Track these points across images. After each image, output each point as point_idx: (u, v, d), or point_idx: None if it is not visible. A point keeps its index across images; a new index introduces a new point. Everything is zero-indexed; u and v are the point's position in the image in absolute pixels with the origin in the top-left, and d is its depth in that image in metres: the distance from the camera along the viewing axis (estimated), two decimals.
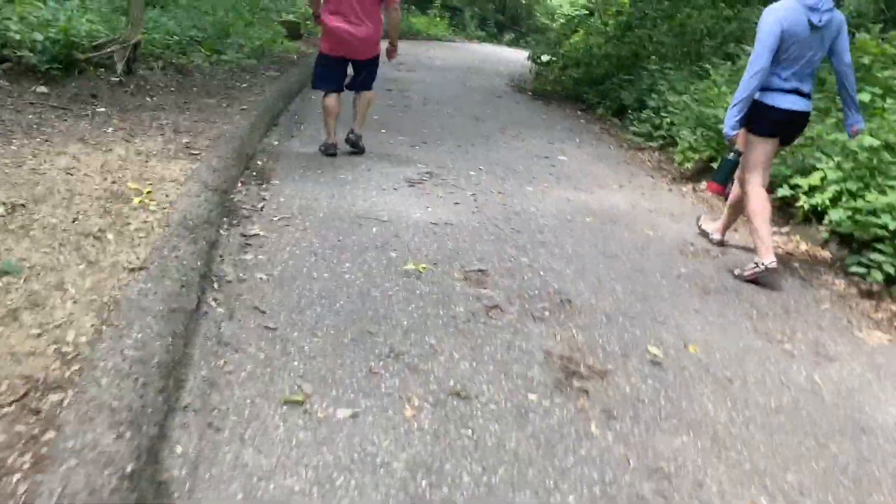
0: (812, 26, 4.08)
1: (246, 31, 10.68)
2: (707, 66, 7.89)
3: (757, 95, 4.27)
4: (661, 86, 8.36)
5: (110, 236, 3.34)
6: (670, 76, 8.41)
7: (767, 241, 4.28)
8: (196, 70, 7.71)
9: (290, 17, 14.77)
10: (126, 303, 2.74)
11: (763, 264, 4.22)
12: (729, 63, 7.71)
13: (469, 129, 7.87)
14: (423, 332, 3.15)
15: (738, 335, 3.59)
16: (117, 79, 6.18)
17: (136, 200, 3.81)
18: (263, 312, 3.14)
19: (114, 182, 4.04)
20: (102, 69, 6.19)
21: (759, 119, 4.34)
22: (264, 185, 4.91)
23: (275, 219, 4.30)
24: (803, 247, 5.13)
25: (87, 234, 3.30)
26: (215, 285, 3.34)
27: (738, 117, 4.29)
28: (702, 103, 7.06)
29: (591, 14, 18.02)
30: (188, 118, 5.81)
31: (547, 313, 3.51)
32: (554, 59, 11.20)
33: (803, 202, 5.27)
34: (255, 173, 5.16)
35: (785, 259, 4.83)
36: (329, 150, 5.82)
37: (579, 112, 10.23)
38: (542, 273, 4.02)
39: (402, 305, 3.38)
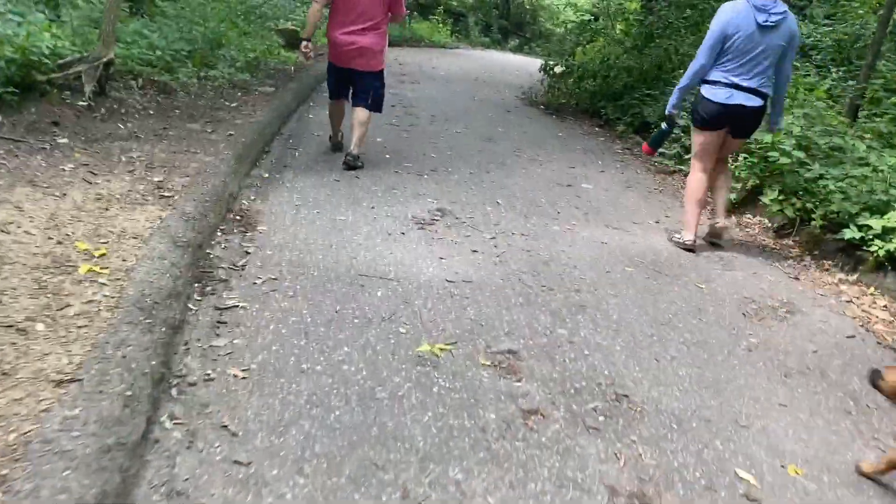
0: (759, 25, 4.34)
1: (240, 42, 9.93)
2: None
3: (700, 87, 4.69)
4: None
5: (39, 328, 2.56)
6: None
7: (692, 221, 4.83)
8: (181, 88, 6.94)
9: (289, 26, 14.00)
10: (39, 446, 1.97)
11: (683, 241, 4.84)
12: None
13: (482, 153, 7.10)
14: (446, 461, 2.37)
15: (842, 442, 2.81)
16: (85, 102, 5.40)
17: (83, 268, 3.03)
18: (234, 435, 2.36)
19: (60, 242, 3.27)
20: (69, 92, 5.41)
21: (697, 108, 4.77)
22: (249, 234, 4.13)
23: (258, 281, 3.52)
24: (881, 301, 4.35)
25: (7, 326, 2.52)
26: (174, 391, 2.56)
27: (674, 101, 4.95)
28: None
29: (597, 19, 17.29)
30: (165, 149, 5.03)
31: (601, 418, 2.73)
32: (567, 69, 10.39)
33: (877, 248, 4.50)
34: (238, 218, 4.38)
35: (865, 319, 4.05)
36: (335, 146, 6.24)
37: (597, 128, 9.46)
38: (585, 352, 3.24)
39: (416, 414, 2.60)
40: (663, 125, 5.12)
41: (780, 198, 5.44)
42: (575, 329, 3.45)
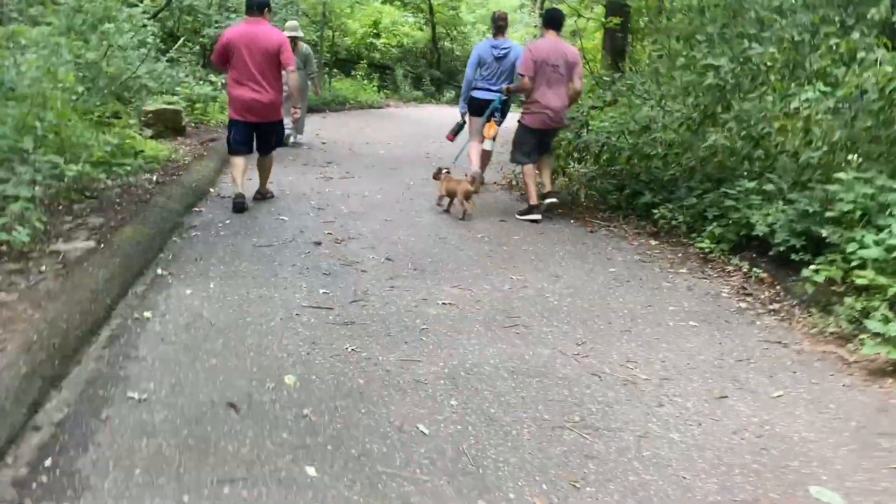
0: (494, 56, 6.59)
1: (67, 139, 5.89)
2: None
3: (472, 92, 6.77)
4: (848, 201, 4.01)
5: None
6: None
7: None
8: None
9: (165, 106, 10.01)
10: None
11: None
12: None
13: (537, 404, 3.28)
14: None
15: None
16: None
17: None
18: None
19: None
20: None
21: (470, 105, 6.84)
22: None
23: None
24: None
25: None
26: None
27: (461, 107, 7.04)
28: None
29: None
30: None
31: None
32: (581, 144, 6.72)
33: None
34: None
35: None
36: (238, 202, 5.83)
37: (653, 243, 5.78)
38: None
39: None
40: (459, 121, 7.14)
41: None
42: None
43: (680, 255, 5.37)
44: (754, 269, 4.81)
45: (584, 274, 4.81)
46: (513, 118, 6.78)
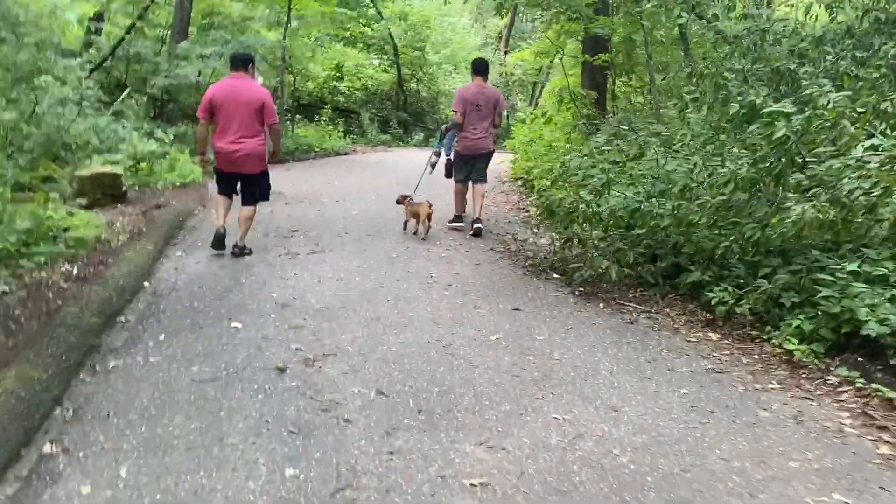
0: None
1: None
2: None
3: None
4: None
5: None
6: None
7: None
8: None
9: (102, 170, 8.56)
10: None
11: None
12: None
13: None
14: None
15: None
16: None
17: None
18: None
19: None
20: None
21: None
22: None
23: None
24: None
25: None
26: None
27: (449, 147, 7.87)
28: None
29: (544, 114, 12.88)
30: None
31: None
32: (590, 209, 5.39)
33: None
34: None
35: None
36: (217, 237, 5.94)
37: (714, 337, 4.49)
38: None
39: None
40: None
41: None
42: None
43: (756, 356, 4.07)
44: (872, 384, 3.52)
45: (649, 401, 3.47)
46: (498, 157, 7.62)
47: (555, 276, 5.73)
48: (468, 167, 7.23)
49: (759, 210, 4.37)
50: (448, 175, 7.76)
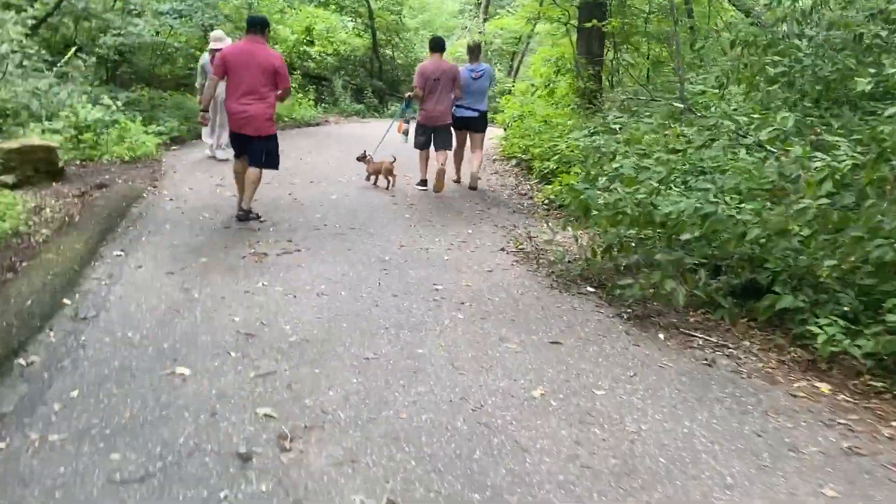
0: (472, 78, 7.51)
1: None
2: None
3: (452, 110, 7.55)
4: None
5: None
6: None
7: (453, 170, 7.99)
8: None
9: (34, 142, 7.12)
10: None
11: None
12: None
13: None
14: None
15: None
16: None
17: None
18: None
19: None
20: None
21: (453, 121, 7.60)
22: None
23: None
24: None
25: None
26: None
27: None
28: None
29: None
30: None
31: None
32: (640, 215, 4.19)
33: None
34: None
35: None
36: (241, 215, 5.93)
37: (824, 389, 3.38)
38: None
39: None
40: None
41: None
42: None
43: None
44: None
45: None
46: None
47: (588, 288, 4.56)
48: (427, 135, 7.59)
49: (891, 218, 3.22)
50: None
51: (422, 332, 3.73)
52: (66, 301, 3.87)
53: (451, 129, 7.62)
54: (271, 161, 5.99)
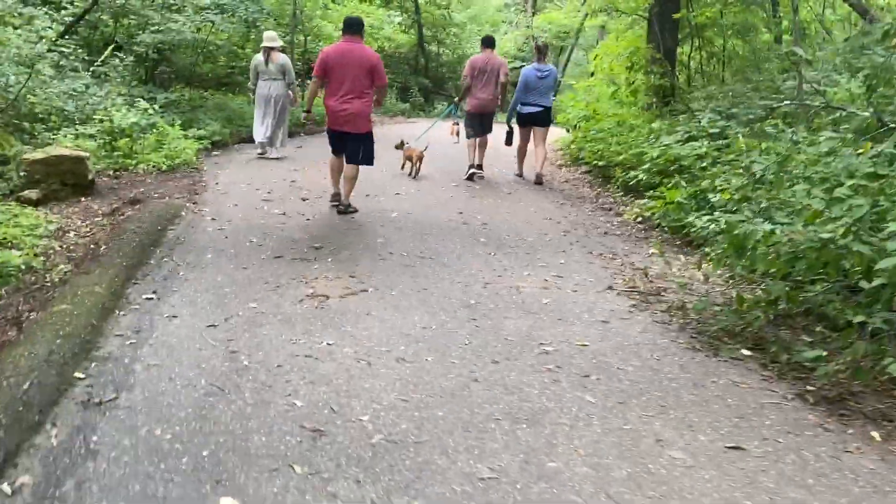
0: (538, 77, 7.87)
1: None
2: None
3: (518, 107, 8.16)
4: None
5: None
6: None
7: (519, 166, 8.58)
8: None
9: (62, 152, 6.27)
10: None
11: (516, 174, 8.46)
12: None
13: None
14: None
15: None
16: None
17: None
18: None
19: None
20: None
21: (519, 118, 8.17)
22: None
23: None
24: None
25: None
26: None
27: (510, 117, 8.28)
28: None
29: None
30: None
31: None
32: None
33: None
34: None
35: None
36: (334, 201, 6.19)
37: None
38: None
39: None
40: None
41: None
42: None
43: None
44: None
45: None
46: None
47: (743, 352, 3.48)
48: (475, 125, 7.91)
49: None
50: (509, 143, 8.44)
51: (545, 427, 2.71)
52: (77, 375, 2.94)
53: (493, 119, 8.10)
54: (368, 158, 6.06)
